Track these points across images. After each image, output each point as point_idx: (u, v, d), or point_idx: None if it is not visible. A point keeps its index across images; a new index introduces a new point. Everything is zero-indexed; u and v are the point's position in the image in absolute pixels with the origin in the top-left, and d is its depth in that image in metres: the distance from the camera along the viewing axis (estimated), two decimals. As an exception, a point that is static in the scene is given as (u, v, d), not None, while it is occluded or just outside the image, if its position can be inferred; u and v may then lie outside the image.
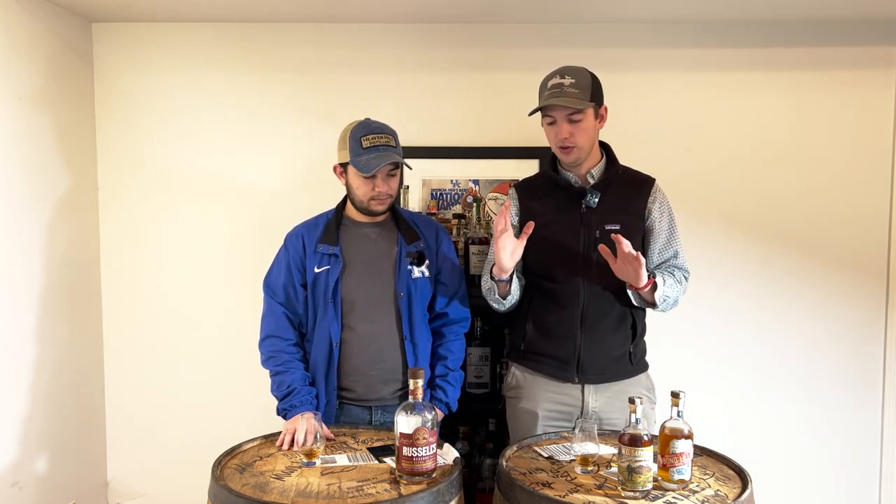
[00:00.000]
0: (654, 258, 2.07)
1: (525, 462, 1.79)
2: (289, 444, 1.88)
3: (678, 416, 1.62)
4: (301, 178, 2.83)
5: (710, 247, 2.80)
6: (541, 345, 2.08)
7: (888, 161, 2.78)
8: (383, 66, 2.81)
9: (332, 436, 1.96)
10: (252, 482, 1.65)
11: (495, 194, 2.80)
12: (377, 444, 1.91)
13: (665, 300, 1.99)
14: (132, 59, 2.82)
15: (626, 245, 1.84)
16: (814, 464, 2.84)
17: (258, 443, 1.93)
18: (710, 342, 2.83)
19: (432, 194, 2.81)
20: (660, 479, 1.61)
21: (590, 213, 2.02)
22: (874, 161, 2.78)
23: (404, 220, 2.16)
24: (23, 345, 2.47)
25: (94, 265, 2.86)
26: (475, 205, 2.57)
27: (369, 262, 2.10)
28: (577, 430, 1.73)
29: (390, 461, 1.76)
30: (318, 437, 1.80)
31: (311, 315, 2.11)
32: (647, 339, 2.15)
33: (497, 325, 2.62)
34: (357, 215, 2.14)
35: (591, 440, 1.71)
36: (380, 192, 2.04)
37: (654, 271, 2.01)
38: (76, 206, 2.73)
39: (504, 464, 1.75)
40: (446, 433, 2.50)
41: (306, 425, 1.85)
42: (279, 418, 2.03)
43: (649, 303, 2.00)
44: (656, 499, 1.56)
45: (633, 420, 1.58)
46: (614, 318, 2.05)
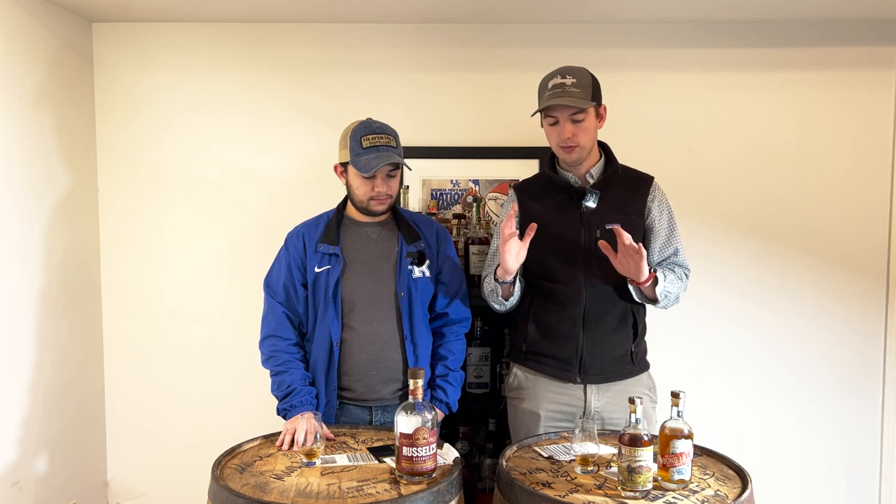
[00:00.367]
0: (655, 256, 2.07)
1: (525, 462, 1.79)
2: (289, 444, 1.88)
3: (678, 415, 1.62)
4: (301, 177, 2.83)
5: (710, 247, 2.80)
6: (543, 345, 2.08)
7: (888, 161, 2.78)
8: (383, 66, 2.81)
9: (332, 436, 1.96)
10: (252, 482, 1.65)
11: (495, 194, 2.79)
12: (377, 444, 1.91)
13: (666, 296, 1.99)
14: (132, 59, 2.82)
15: (626, 237, 1.83)
16: (814, 463, 2.84)
17: (258, 443, 1.93)
18: (710, 342, 2.83)
19: (432, 194, 2.81)
20: (660, 479, 1.61)
21: (590, 213, 2.02)
22: (874, 161, 2.78)
23: (405, 220, 2.16)
24: (23, 345, 2.47)
25: (94, 265, 2.86)
26: (475, 205, 2.57)
27: (370, 261, 2.10)
28: (577, 430, 1.73)
29: (390, 461, 1.76)
30: (318, 437, 1.81)
31: (311, 315, 2.11)
32: (647, 338, 2.15)
33: (497, 325, 2.62)
34: (357, 215, 2.14)
35: (591, 440, 1.71)
36: (379, 192, 2.04)
37: (654, 267, 2.02)
38: (76, 206, 2.73)
39: (504, 464, 1.75)
40: (446, 433, 2.51)
41: (306, 425, 1.86)
42: (279, 418, 2.03)
43: (650, 298, 2.00)
44: (656, 499, 1.56)
45: (633, 420, 1.58)
46: (616, 317, 2.05)
